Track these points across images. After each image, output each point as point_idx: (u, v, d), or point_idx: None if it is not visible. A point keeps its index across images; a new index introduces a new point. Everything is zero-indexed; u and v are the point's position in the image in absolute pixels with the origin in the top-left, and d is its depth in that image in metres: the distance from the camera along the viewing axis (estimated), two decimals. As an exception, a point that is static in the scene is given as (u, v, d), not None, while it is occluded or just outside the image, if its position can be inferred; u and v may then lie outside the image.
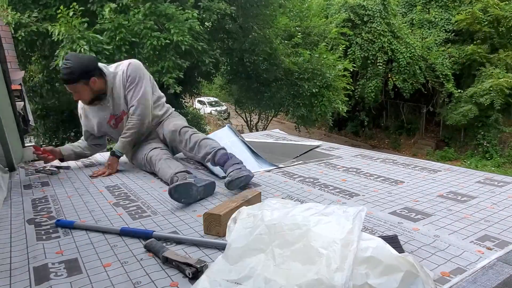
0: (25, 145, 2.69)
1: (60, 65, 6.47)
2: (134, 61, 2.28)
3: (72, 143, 2.46)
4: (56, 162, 2.41)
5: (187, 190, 1.63)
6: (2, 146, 2.12)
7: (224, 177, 2.07)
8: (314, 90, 10.68)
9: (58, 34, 6.44)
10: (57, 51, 6.62)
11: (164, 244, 1.23)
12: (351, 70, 12.47)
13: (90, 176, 2.17)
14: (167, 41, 6.94)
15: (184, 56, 7.66)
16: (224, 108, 22.75)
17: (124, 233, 1.34)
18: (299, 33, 11.32)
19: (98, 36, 6.68)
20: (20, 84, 4.78)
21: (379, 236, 1.25)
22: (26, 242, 1.29)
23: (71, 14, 6.53)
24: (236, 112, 17.06)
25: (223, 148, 2.04)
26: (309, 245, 0.86)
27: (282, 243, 0.90)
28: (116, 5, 7.01)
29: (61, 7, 6.53)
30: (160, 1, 7.27)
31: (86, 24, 6.71)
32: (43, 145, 8.98)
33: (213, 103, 23.10)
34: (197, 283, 0.91)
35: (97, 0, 7.18)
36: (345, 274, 0.78)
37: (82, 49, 6.33)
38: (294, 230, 0.90)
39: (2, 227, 1.44)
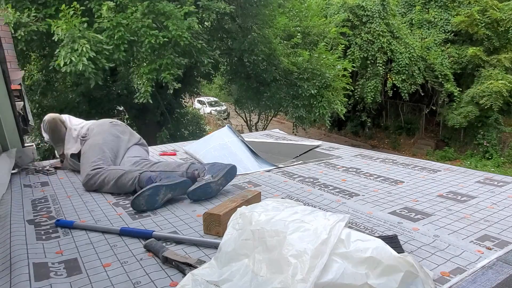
0: (25, 145, 2.68)
1: (61, 65, 6.45)
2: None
3: None
4: (56, 162, 2.43)
5: (205, 191, 1.67)
6: None
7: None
8: (313, 92, 10.66)
9: (60, 34, 6.42)
10: (57, 50, 6.60)
11: (164, 244, 1.23)
12: (350, 70, 12.46)
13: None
14: (166, 39, 6.92)
15: (183, 54, 7.65)
16: (223, 108, 22.76)
17: (124, 233, 1.34)
18: (299, 33, 11.30)
19: (98, 35, 6.67)
20: (19, 84, 4.77)
21: (378, 236, 1.25)
22: (26, 241, 1.29)
23: (71, 13, 6.51)
24: (236, 112, 17.06)
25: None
26: (282, 253, 0.85)
27: (262, 250, 0.90)
28: (114, 4, 7.00)
29: (63, 6, 6.51)
30: (158, 0, 7.26)
31: (86, 24, 6.70)
32: (40, 144, 9.00)
33: (213, 103, 23.11)
34: (182, 280, 0.93)
35: None
36: (307, 286, 0.77)
37: (84, 48, 6.32)
38: (274, 237, 0.90)
39: (2, 226, 1.44)
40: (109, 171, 1.84)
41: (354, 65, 13.34)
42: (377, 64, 14.36)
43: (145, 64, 7.53)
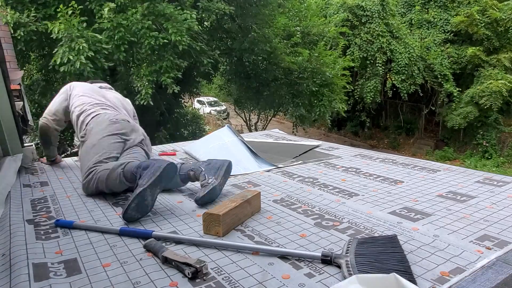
0: (24, 145, 2.68)
1: (58, 63, 6.45)
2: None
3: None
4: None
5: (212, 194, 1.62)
6: None
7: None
8: (314, 89, 10.66)
9: (58, 32, 6.43)
10: (56, 49, 6.61)
11: (164, 244, 1.23)
12: (352, 67, 12.46)
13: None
14: (165, 40, 6.92)
15: (183, 56, 7.65)
16: (223, 108, 22.78)
17: (124, 233, 1.34)
18: (298, 33, 11.31)
19: (97, 35, 6.66)
20: (19, 84, 4.77)
21: (378, 236, 1.25)
22: (25, 241, 1.29)
23: (70, 12, 6.51)
24: (236, 112, 17.07)
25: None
26: None
27: None
28: (115, 5, 7.00)
29: (61, 6, 6.51)
30: (158, 1, 7.25)
31: (85, 24, 6.70)
32: (39, 144, 9.00)
33: (213, 103, 23.13)
34: None
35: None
36: None
37: (81, 47, 6.31)
38: None
39: (1, 226, 1.44)
40: (99, 173, 1.76)
41: (354, 64, 13.36)
42: (377, 64, 14.37)
43: (145, 65, 7.53)
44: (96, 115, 2.14)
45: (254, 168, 2.20)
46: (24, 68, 9.06)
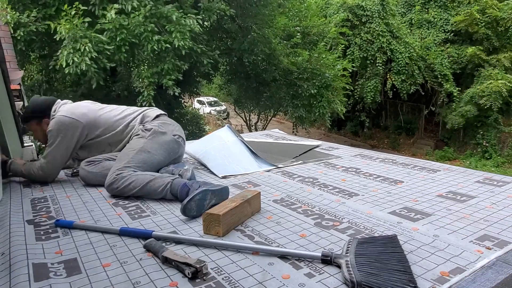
0: (25, 145, 2.68)
1: (63, 65, 6.45)
2: (58, 117, 1.98)
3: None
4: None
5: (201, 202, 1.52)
6: None
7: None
8: (313, 91, 10.67)
9: (61, 33, 6.42)
10: (59, 50, 6.60)
11: (164, 244, 1.23)
12: (350, 70, 12.48)
13: None
14: (168, 45, 6.92)
15: (183, 57, 7.66)
16: (223, 108, 22.80)
17: (124, 233, 1.34)
18: (298, 33, 11.32)
19: (100, 36, 6.66)
20: (19, 84, 4.77)
21: (378, 236, 1.25)
22: (25, 242, 1.29)
23: (73, 13, 6.51)
24: (236, 112, 17.08)
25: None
26: None
27: None
28: (120, 7, 6.99)
29: (65, 6, 6.51)
30: (160, 3, 7.25)
31: (87, 24, 6.70)
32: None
33: (213, 103, 23.15)
34: None
35: (99, 2, 7.15)
36: None
37: (86, 48, 6.30)
38: None
39: (1, 226, 1.44)
40: (136, 177, 1.74)
41: (353, 65, 13.36)
42: (377, 64, 14.37)
43: (146, 66, 7.53)
44: (164, 120, 2.09)
45: (254, 168, 2.20)
46: (24, 69, 9.06)
